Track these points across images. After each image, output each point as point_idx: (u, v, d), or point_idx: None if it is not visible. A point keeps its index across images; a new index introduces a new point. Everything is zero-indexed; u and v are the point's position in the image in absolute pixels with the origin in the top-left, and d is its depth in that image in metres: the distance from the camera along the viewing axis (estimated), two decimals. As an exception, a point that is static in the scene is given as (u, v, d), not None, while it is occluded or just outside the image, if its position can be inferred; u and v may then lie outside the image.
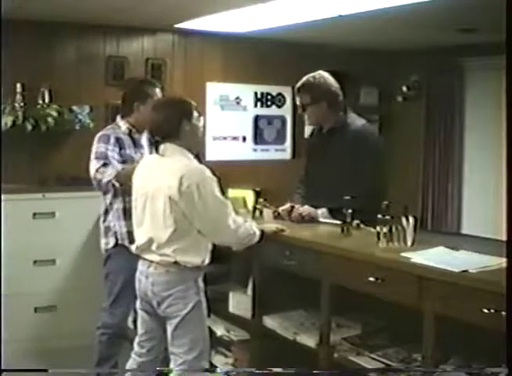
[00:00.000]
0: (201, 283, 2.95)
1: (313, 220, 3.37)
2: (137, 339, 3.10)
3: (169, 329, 2.93)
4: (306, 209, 3.41)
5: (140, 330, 3.09)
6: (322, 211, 3.38)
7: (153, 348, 3.04)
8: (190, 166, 2.87)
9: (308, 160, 3.75)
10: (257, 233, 3.01)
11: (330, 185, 3.38)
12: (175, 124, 2.91)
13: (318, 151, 3.63)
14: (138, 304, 3.06)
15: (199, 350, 2.90)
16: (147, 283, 2.93)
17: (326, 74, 3.49)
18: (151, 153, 3.28)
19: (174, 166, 2.86)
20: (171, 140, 2.90)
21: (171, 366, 2.93)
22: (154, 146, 2.97)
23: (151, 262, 2.91)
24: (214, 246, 2.99)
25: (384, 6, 4.13)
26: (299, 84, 3.50)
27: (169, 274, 2.87)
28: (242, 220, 2.99)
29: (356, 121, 3.51)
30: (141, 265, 2.98)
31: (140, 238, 2.98)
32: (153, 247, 2.89)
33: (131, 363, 3.09)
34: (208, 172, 2.86)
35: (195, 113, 2.98)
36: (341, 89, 3.51)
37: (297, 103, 3.54)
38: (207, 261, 2.94)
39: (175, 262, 2.85)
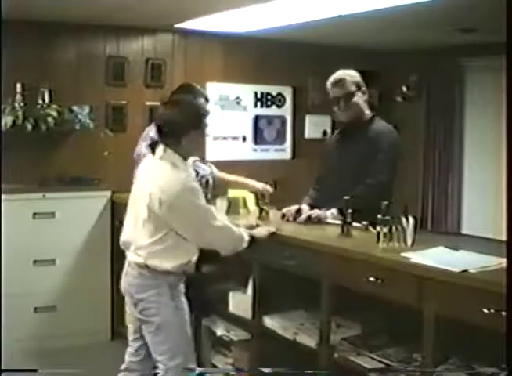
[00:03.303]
0: (180, 287, 2.90)
1: (321, 222, 3.35)
2: (128, 338, 3.09)
3: (147, 337, 2.88)
4: (315, 211, 3.40)
5: (129, 329, 3.07)
6: (331, 212, 3.36)
7: (141, 348, 2.99)
8: (172, 177, 2.75)
9: (326, 160, 3.71)
10: (246, 238, 2.93)
11: (345, 184, 3.37)
12: (181, 132, 2.77)
13: (338, 150, 3.61)
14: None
15: (182, 355, 2.84)
16: (126, 282, 2.91)
17: None
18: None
19: (159, 174, 2.78)
20: (171, 145, 2.80)
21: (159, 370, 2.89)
22: (150, 146, 2.87)
23: (130, 261, 2.89)
24: (200, 252, 2.91)
25: (383, 6, 4.13)
26: (338, 76, 3.47)
27: (141, 277, 2.82)
28: (228, 223, 2.91)
29: (381, 121, 3.54)
30: (126, 264, 2.95)
31: (123, 233, 2.97)
32: (131, 248, 2.87)
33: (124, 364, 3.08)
34: (190, 182, 2.78)
35: (205, 120, 2.84)
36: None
37: (338, 95, 3.44)
38: (185, 267, 2.85)
39: (146, 265, 2.80)
